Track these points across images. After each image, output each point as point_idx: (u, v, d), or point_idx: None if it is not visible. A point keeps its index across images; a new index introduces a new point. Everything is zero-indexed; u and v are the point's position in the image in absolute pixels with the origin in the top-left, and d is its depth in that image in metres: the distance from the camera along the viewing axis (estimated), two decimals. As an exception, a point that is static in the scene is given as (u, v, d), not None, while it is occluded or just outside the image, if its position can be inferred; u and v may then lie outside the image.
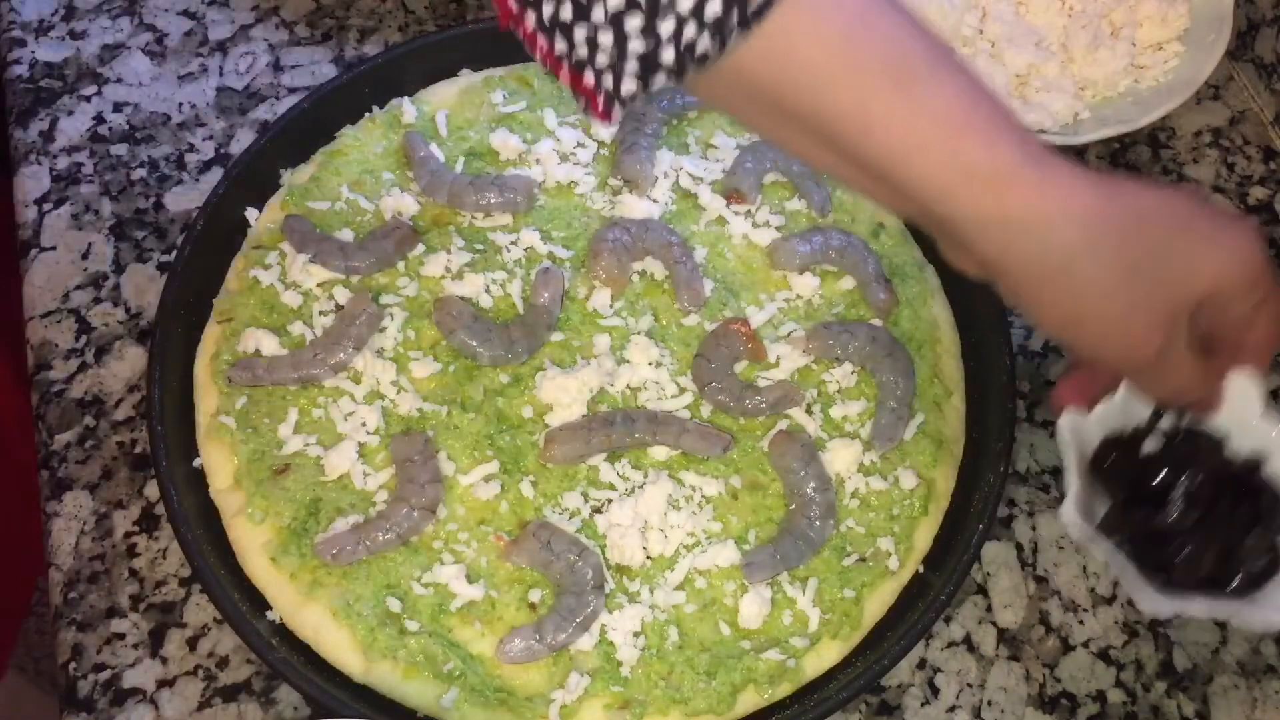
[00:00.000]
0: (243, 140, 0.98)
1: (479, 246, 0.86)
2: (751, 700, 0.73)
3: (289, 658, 0.71)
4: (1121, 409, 0.69)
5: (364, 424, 0.78)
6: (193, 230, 0.83)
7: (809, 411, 0.82)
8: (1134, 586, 0.64)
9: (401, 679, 0.71)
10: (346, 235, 0.86)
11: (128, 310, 0.90)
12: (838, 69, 0.51)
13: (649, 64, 0.51)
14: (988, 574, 0.84)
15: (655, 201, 0.89)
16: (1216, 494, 0.66)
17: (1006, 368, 0.83)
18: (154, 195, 0.96)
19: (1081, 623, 0.83)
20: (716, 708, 0.72)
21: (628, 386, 0.82)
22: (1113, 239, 0.55)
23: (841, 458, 0.80)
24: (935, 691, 0.80)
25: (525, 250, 0.86)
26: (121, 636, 0.77)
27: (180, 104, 1.00)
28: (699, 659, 0.73)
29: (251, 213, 0.87)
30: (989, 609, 0.83)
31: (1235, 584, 0.65)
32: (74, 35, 1.03)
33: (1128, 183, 0.57)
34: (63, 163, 0.97)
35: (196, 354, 0.82)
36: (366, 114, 0.92)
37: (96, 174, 0.96)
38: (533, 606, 0.74)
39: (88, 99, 1.00)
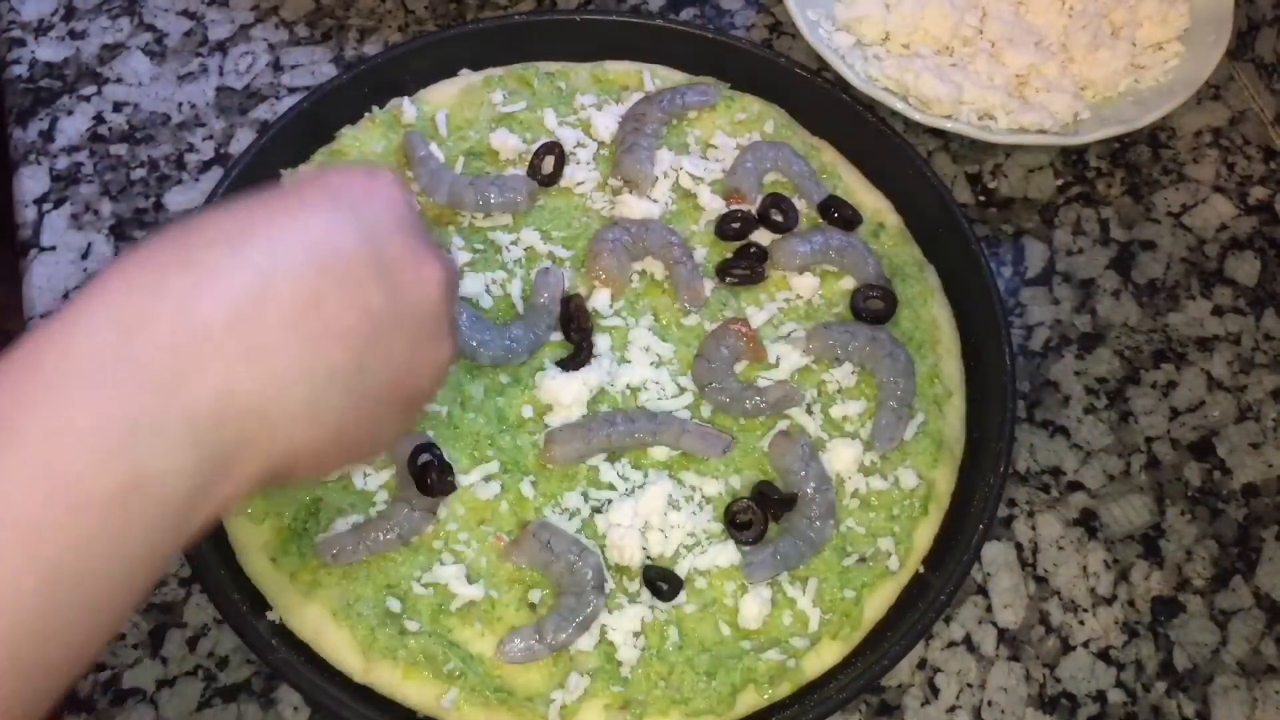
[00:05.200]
0: (243, 140, 0.98)
1: (479, 246, 0.86)
2: (751, 700, 0.73)
3: (289, 658, 0.71)
4: None
5: (364, 424, 0.78)
6: (193, 230, 0.83)
7: (809, 411, 0.82)
8: None
9: (401, 679, 0.71)
10: (346, 235, 0.86)
11: (128, 310, 0.90)
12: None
13: None
14: (988, 574, 0.84)
15: (655, 201, 0.89)
16: None
17: (1006, 368, 0.83)
18: (154, 195, 0.96)
19: (1081, 623, 0.83)
20: (716, 708, 0.72)
21: (628, 386, 0.82)
22: (336, 354, 0.48)
23: (841, 458, 0.80)
24: (935, 691, 0.80)
25: (525, 250, 0.86)
26: (121, 636, 0.77)
27: (180, 104, 1.00)
28: (699, 659, 0.73)
29: (251, 213, 0.87)
30: (989, 609, 0.83)
31: None
32: (74, 35, 1.03)
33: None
34: (62, 163, 0.97)
35: (196, 354, 0.82)
36: (366, 114, 0.92)
37: (96, 174, 0.96)
38: (533, 606, 0.74)
39: (88, 99, 1.00)
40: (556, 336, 0.83)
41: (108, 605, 0.42)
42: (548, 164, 0.89)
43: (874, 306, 0.85)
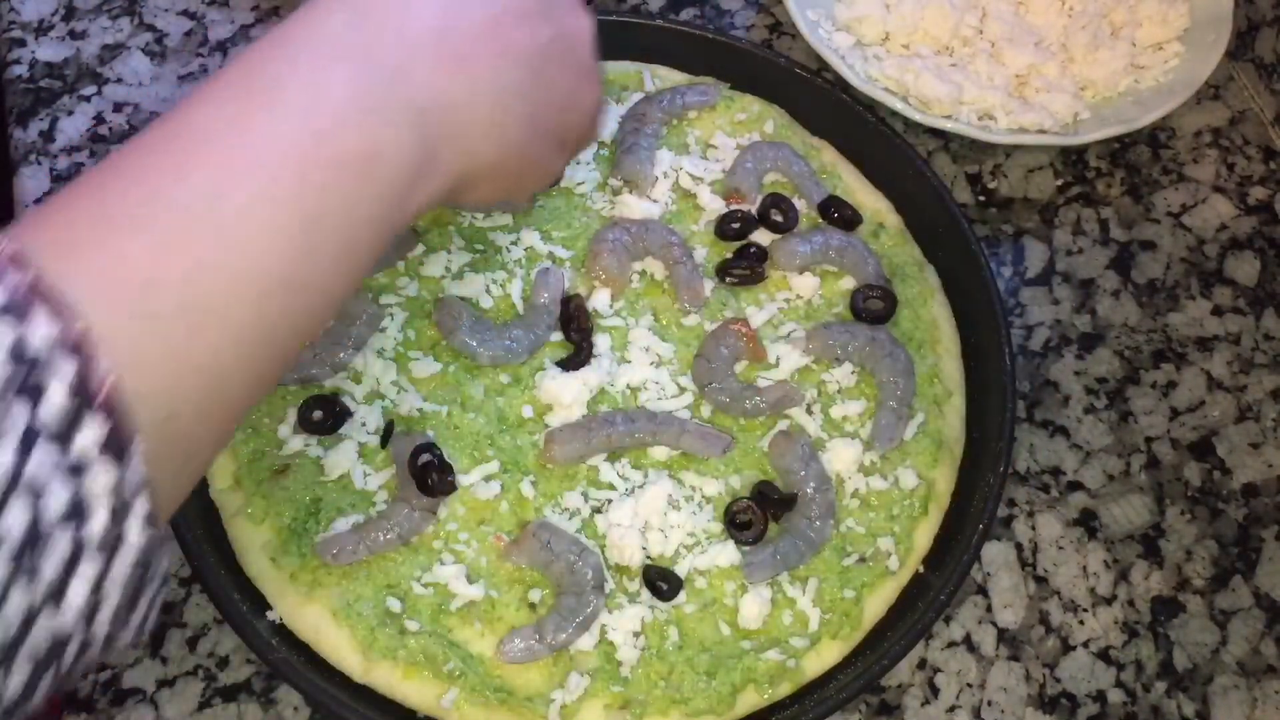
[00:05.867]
0: (243, 140, 0.98)
1: (479, 246, 0.86)
2: (751, 700, 0.73)
3: (289, 658, 0.71)
4: None
5: (364, 424, 0.78)
6: (193, 230, 0.83)
7: (809, 411, 0.82)
8: None
9: (401, 679, 0.71)
10: (346, 235, 0.86)
11: (128, 310, 0.90)
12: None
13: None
14: (988, 574, 0.84)
15: (655, 201, 0.89)
16: None
17: (1006, 368, 0.83)
18: (154, 195, 0.95)
19: (1081, 623, 0.83)
20: (716, 708, 0.72)
21: (628, 386, 0.82)
22: (516, 74, 0.55)
23: (841, 458, 0.80)
24: (935, 691, 0.80)
25: (525, 250, 0.86)
26: (121, 636, 0.77)
27: (180, 104, 1.00)
28: (699, 659, 0.73)
29: (251, 213, 0.87)
30: (989, 609, 0.83)
31: None
32: (74, 35, 1.03)
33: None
34: (63, 163, 0.97)
35: (196, 354, 0.82)
36: (366, 114, 0.92)
37: (96, 174, 0.96)
38: (533, 606, 0.74)
39: (88, 99, 1.00)
40: (556, 336, 0.83)
41: (345, 264, 0.47)
42: None
43: (874, 306, 0.86)
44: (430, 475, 0.74)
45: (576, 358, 0.81)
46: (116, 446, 0.37)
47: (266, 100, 0.45)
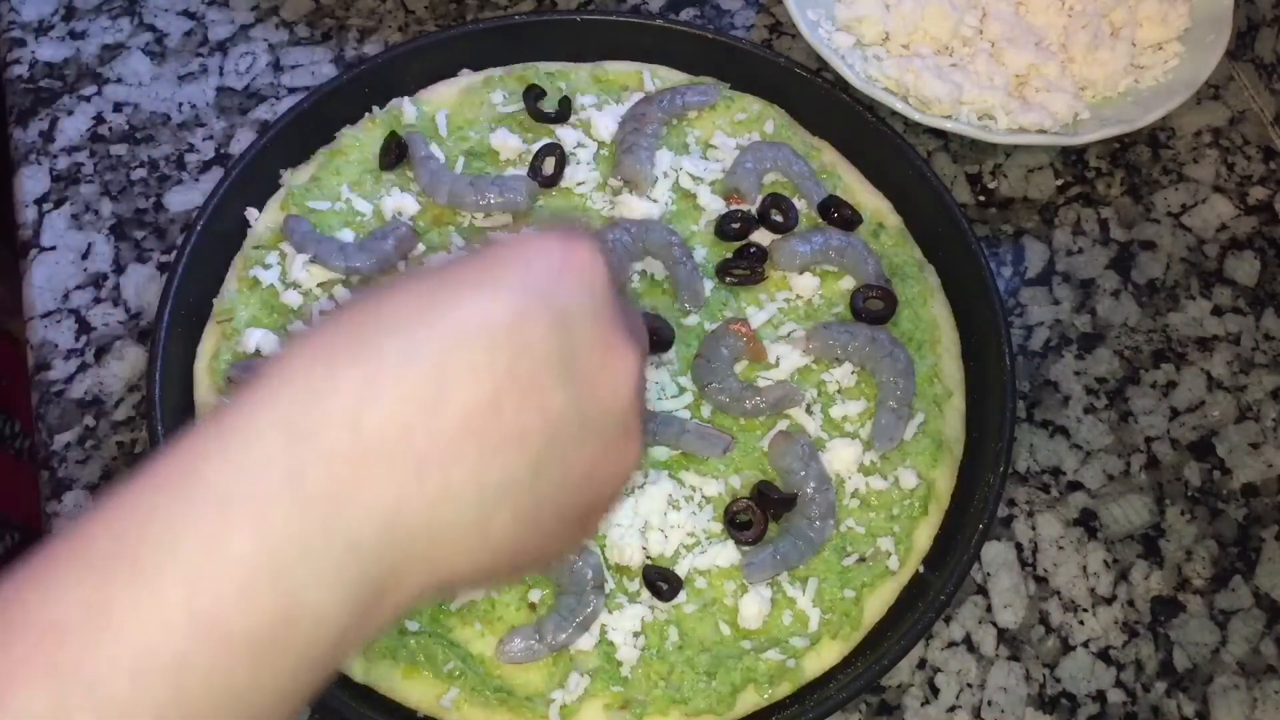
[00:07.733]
0: (243, 140, 0.98)
1: (479, 247, 0.86)
2: (751, 700, 0.73)
3: (289, 658, 0.71)
4: None
5: (364, 424, 0.78)
6: (193, 230, 0.83)
7: (809, 411, 0.82)
8: None
9: (401, 679, 0.71)
10: (346, 235, 0.86)
11: (128, 310, 0.90)
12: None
13: None
14: (988, 574, 0.84)
15: (655, 201, 0.89)
16: None
17: (1006, 368, 0.83)
18: (154, 195, 0.96)
19: (1081, 623, 0.83)
20: (716, 708, 0.72)
21: (628, 386, 0.82)
22: (513, 465, 0.42)
23: (841, 458, 0.80)
24: (935, 691, 0.80)
25: (525, 250, 0.86)
26: (121, 636, 0.77)
27: (180, 104, 1.00)
28: (699, 659, 0.73)
29: (251, 213, 0.87)
30: (989, 609, 0.83)
31: None
32: (74, 35, 1.03)
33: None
34: (63, 163, 0.97)
35: (197, 354, 0.82)
36: (366, 114, 0.92)
37: (96, 174, 0.96)
38: (533, 606, 0.74)
39: (88, 99, 1.00)
40: (556, 336, 0.83)
41: None
42: (548, 165, 0.89)
43: (874, 306, 0.86)
44: None
45: None
46: None
47: (133, 577, 0.35)
